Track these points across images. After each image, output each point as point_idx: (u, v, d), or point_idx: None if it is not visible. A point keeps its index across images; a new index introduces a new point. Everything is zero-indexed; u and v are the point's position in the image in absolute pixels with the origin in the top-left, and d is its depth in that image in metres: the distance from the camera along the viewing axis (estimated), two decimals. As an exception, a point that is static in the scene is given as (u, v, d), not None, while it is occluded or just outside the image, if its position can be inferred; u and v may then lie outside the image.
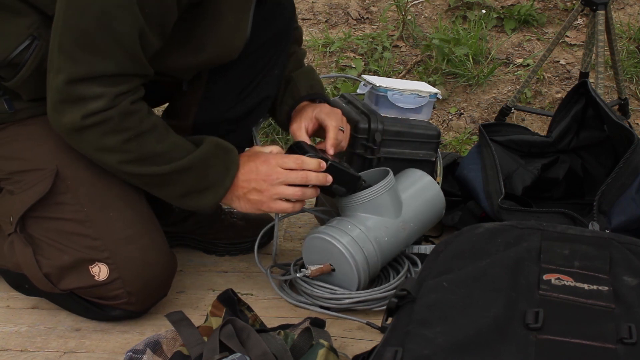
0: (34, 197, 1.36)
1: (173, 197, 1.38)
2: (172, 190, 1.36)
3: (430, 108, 1.65)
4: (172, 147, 1.33)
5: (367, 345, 1.26)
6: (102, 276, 1.36)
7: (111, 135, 1.27)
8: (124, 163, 1.30)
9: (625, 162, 1.56)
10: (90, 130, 1.26)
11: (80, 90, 1.23)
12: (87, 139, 1.28)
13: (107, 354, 1.36)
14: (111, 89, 1.24)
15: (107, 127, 1.26)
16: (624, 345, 0.87)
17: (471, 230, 1.09)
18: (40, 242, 1.38)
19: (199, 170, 1.35)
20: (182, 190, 1.36)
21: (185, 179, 1.34)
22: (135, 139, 1.28)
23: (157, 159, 1.31)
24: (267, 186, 1.37)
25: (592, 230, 1.11)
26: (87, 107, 1.23)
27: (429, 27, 3.34)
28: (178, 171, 1.33)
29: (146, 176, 1.33)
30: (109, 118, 1.25)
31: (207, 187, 1.36)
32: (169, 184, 1.34)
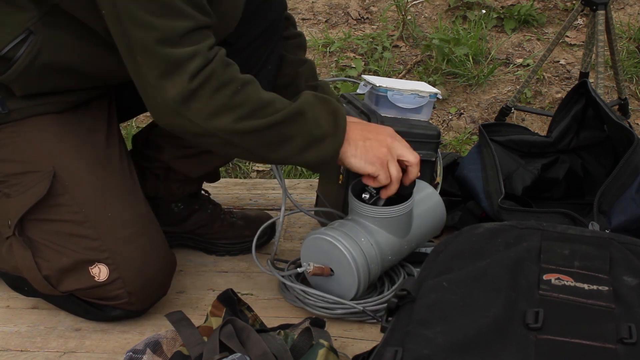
0: (32, 200, 1.35)
1: (295, 153, 1.30)
2: (292, 144, 1.29)
3: (430, 108, 1.65)
4: (275, 97, 1.29)
5: (367, 345, 1.26)
6: (102, 277, 1.36)
7: (219, 91, 1.22)
8: (241, 120, 1.24)
9: (625, 162, 1.56)
10: (199, 94, 1.21)
11: (174, 54, 1.19)
12: (198, 107, 1.21)
13: (107, 354, 1.36)
14: (199, 45, 1.21)
15: (214, 82, 1.21)
16: (624, 345, 0.87)
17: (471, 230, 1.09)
18: (39, 245, 1.38)
19: (310, 115, 1.29)
20: (303, 142, 1.29)
21: (301, 128, 1.28)
22: (242, 90, 1.24)
23: (268, 109, 1.26)
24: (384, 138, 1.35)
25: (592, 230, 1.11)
26: (189, 69, 1.19)
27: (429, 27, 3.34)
28: (291, 117, 1.27)
29: (265, 130, 1.26)
30: (212, 72, 1.21)
31: (323, 134, 1.30)
32: (288, 138, 1.28)
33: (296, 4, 3.51)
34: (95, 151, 1.41)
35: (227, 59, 1.25)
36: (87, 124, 1.43)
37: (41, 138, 1.38)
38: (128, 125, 2.68)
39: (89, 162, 1.38)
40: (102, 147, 1.42)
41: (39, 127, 1.39)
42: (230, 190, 2.00)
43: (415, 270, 1.52)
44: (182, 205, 1.66)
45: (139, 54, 1.20)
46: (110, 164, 1.42)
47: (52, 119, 1.39)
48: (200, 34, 1.22)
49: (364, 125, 1.37)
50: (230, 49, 1.50)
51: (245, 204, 1.92)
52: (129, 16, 1.18)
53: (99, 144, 1.43)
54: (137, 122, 2.70)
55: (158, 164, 1.61)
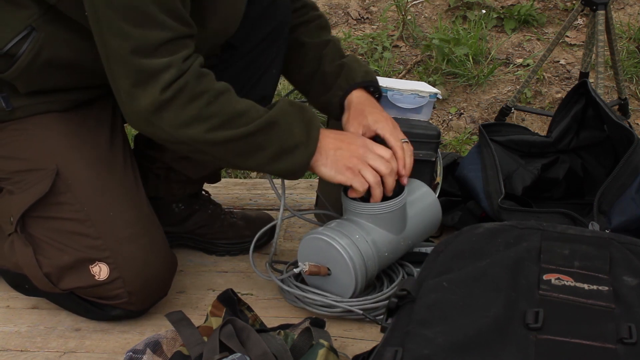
0: (34, 197, 1.36)
1: (265, 163, 1.32)
2: (263, 154, 1.30)
3: (430, 108, 1.65)
4: (249, 105, 1.30)
5: (367, 345, 1.26)
6: (102, 276, 1.36)
7: (191, 102, 1.23)
8: (211, 131, 1.25)
9: (625, 162, 1.56)
10: (170, 105, 1.22)
11: (147, 65, 1.20)
12: (169, 117, 1.23)
13: (107, 354, 1.36)
14: (174, 56, 1.21)
15: (186, 94, 1.22)
16: (624, 345, 0.87)
17: (471, 230, 1.09)
18: (41, 242, 1.38)
19: (284, 126, 1.30)
20: (273, 152, 1.30)
21: (273, 138, 1.30)
22: (215, 101, 1.25)
23: (240, 119, 1.27)
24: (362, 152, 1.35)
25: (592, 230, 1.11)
26: (162, 80, 1.20)
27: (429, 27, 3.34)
28: (264, 128, 1.28)
29: (236, 140, 1.27)
30: (185, 84, 1.22)
31: (296, 144, 1.31)
32: (259, 148, 1.29)
33: (296, 4, 3.51)
34: (98, 150, 1.41)
35: (202, 69, 1.26)
36: (91, 122, 1.44)
37: (45, 136, 1.39)
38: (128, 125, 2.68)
39: (92, 161, 1.38)
40: (105, 146, 1.43)
41: (43, 125, 1.39)
42: (230, 190, 2.00)
43: (415, 270, 1.52)
44: (182, 206, 1.66)
45: (114, 62, 1.22)
46: (114, 163, 1.42)
47: (56, 117, 1.40)
48: (177, 45, 1.22)
49: (337, 134, 1.38)
50: (234, 52, 1.50)
51: (245, 204, 1.92)
52: (107, 23, 1.19)
53: (102, 143, 1.43)
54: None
55: (159, 164, 1.62)
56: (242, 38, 1.48)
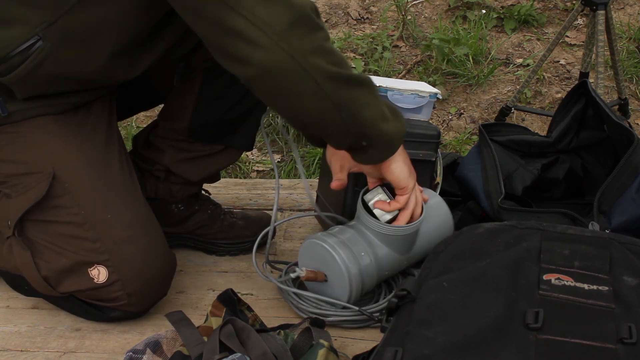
0: (31, 201, 1.35)
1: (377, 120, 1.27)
2: (373, 109, 1.26)
3: (430, 108, 1.65)
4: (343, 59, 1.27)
5: (367, 345, 1.26)
6: (101, 279, 1.36)
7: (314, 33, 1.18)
8: (335, 65, 1.20)
9: (625, 162, 1.56)
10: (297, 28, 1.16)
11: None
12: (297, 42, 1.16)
13: (107, 354, 1.36)
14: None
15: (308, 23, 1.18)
16: (624, 345, 0.87)
17: (471, 230, 1.09)
18: (39, 246, 1.38)
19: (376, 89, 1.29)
20: (380, 111, 1.27)
21: (379, 97, 1.28)
22: (328, 40, 1.22)
23: (348, 66, 1.24)
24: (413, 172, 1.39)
25: (592, 230, 1.12)
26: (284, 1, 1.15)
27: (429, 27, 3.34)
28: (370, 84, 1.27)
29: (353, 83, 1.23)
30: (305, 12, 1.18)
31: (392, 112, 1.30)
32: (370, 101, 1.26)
33: (296, 4, 3.50)
34: (95, 152, 1.41)
35: None
36: (88, 125, 1.43)
37: (41, 139, 1.38)
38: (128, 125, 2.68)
39: (88, 164, 1.38)
40: (101, 148, 1.42)
41: (39, 127, 1.38)
42: (230, 190, 2.00)
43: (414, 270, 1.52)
44: (182, 207, 1.66)
45: None
46: (110, 165, 1.42)
47: (52, 119, 1.39)
48: None
49: None
50: None
51: (245, 204, 1.92)
52: None
53: (98, 145, 1.42)
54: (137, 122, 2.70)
55: (158, 167, 1.61)
56: None
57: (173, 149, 1.59)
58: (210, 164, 1.62)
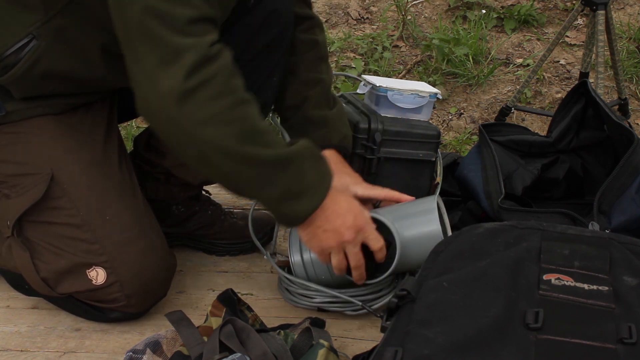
0: (29, 202, 1.35)
1: (271, 200, 1.22)
2: (271, 190, 1.20)
3: (430, 108, 1.65)
4: (269, 129, 1.19)
5: (367, 345, 1.26)
6: (99, 280, 1.36)
7: (217, 99, 1.12)
8: (230, 137, 1.13)
9: (625, 162, 1.56)
10: (194, 95, 1.10)
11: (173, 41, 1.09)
12: (190, 110, 1.10)
13: (107, 354, 1.36)
14: (201, 38, 1.11)
15: (214, 86, 1.12)
16: (624, 345, 0.87)
17: (471, 230, 1.09)
18: (38, 247, 1.38)
19: (298, 167, 1.20)
20: (281, 191, 1.20)
21: (284, 175, 1.19)
22: (240, 106, 1.15)
23: (260, 138, 1.16)
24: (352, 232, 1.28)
25: (592, 230, 1.11)
26: (186, 61, 1.09)
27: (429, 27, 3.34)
28: (280, 161, 1.18)
29: (250, 160, 1.16)
30: (213, 75, 1.11)
31: (303, 190, 1.22)
32: (269, 181, 1.19)
33: (296, 4, 3.50)
34: (93, 153, 1.41)
35: (234, 68, 1.16)
36: (86, 125, 1.43)
37: (39, 139, 1.38)
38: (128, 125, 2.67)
39: (87, 165, 1.38)
40: (100, 149, 1.42)
41: (38, 128, 1.38)
42: (230, 190, 1.99)
43: None
44: (182, 208, 1.66)
45: (138, 39, 1.12)
46: (109, 166, 1.41)
47: (51, 120, 1.39)
48: (203, 27, 1.14)
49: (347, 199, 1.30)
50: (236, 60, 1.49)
51: (245, 204, 1.92)
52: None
53: (97, 146, 1.42)
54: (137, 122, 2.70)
55: (159, 169, 1.61)
56: (242, 46, 1.47)
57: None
58: None
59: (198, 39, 1.12)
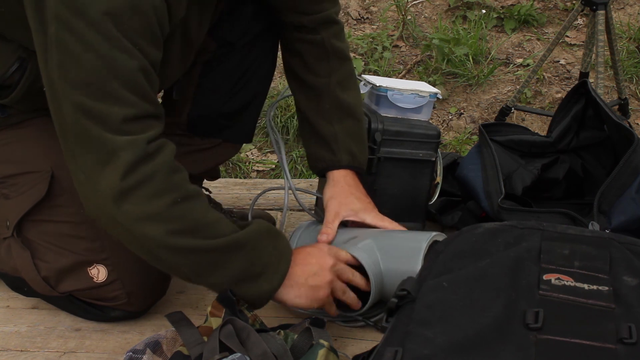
0: (31, 201, 1.35)
1: (224, 283, 1.21)
2: (222, 274, 1.19)
3: (430, 108, 1.65)
4: (219, 219, 1.18)
5: (367, 345, 1.25)
6: (100, 278, 1.36)
7: (156, 197, 1.11)
8: (171, 234, 1.12)
9: (625, 162, 1.56)
10: (132, 194, 1.10)
11: (109, 140, 1.08)
12: (128, 208, 1.10)
13: (107, 354, 1.36)
14: (139, 135, 1.10)
15: (152, 186, 1.11)
16: (624, 345, 0.87)
17: (471, 230, 1.09)
18: (38, 246, 1.37)
19: (251, 250, 1.20)
20: (233, 274, 1.20)
21: (237, 259, 1.19)
22: (183, 203, 1.14)
23: (206, 231, 1.16)
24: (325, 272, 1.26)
25: (592, 230, 1.11)
26: (123, 160, 1.08)
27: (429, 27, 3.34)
28: (229, 247, 1.18)
29: (197, 252, 1.16)
30: (151, 174, 1.11)
31: (261, 272, 1.22)
32: (219, 266, 1.18)
33: (296, 4, 3.50)
34: None
35: (175, 164, 1.15)
36: None
37: (38, 138, 1.38)
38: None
39: None
40: None
41: (37, 127, 1.38)
42: (230, 190, 1.99)
43: None
44: (182, 206, 1.66)
45: (74, 138, 1.11)
46: None
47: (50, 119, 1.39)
48: (141, 124, 1.12)
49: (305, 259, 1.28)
50: (231, 48, 1.50)
51: (245, 204, 1.92)
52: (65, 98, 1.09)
53: None
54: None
55: None
56: (238, 35, 1.47)
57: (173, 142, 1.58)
58: (210, 158, 1.62)
59: (134, 137, 1.09)
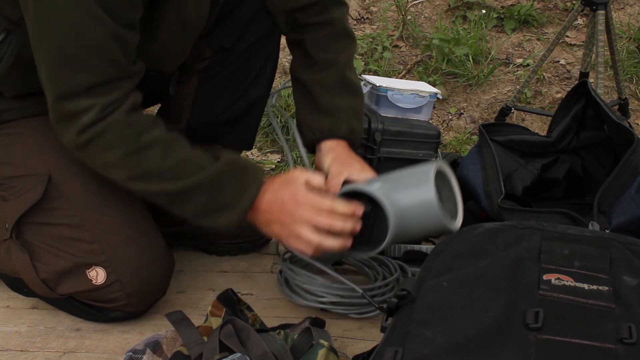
0: (28, 203, 1.35)
1: (188, 216, 1.30)
2: (185, 208, 1.28)
3: (430, 108, 1.65)
4: (179, 163, 1.26)
5: (367, 345, 1.26)
6: (99, 280, 1.36)
7: (110, 150, 1.22)
8: (131, 180, 1.25)
9: (625, 162, 1.56)
10: (89, 147, 1.22)
11: (68, 106, 1.20)
12: (91, 156, 1.25)
13: (107, 354, 1.36)
14: (100, 99, 1.19)
15: (104, 141, 1.21)
16: (624, 345, 0.87)
17: (471, 230, 1.09)
18: (37, 248, 1.37)
19: (210, 189, 1.26)
20: (195, 210, 1.28)
21: (197, 198, 1.27)
22: (136, 154, 1.23)
23: (163, 176, 1.25)
24: (290, 222, 1.26)
25: (592, 230, 1.11)
26: (79, 123, 1.19)
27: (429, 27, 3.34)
28: (186, 190, 1.26)
29: (156, 194, 1.28)
30: (101, 131, 1.20)
31: (222, 207, 1.27)
32: (181, 202, 1.28)
33: (296, 4, 3.50)
34: None
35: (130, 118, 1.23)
36: None
37: (35, 140, 1.38)
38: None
39: (83, 165, 1.38)
40: None
41: (33, 129, 1.38)
42: (230, 190, 1.99)
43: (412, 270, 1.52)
44: (181, 206, 1.66)
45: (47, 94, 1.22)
46: None
47: (47, 120, 1.38)
48: (106, 88, 1.20)
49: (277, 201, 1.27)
50: (227, 55, 1.50)
51: (245, 204, 1.92)
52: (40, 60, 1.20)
53: None
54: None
55: None
56: (233, 41, 1.47)
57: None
58: None
59: (95, 100, 1.19)
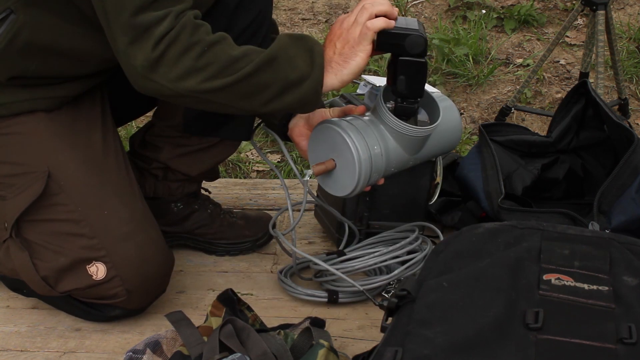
0: (27, 201, 1.35)
1: (274, 100, 1.24)
2: (269, 92, 1.23)
3: (430, 108, 1.65)
4: (246, 50, 1.23)
5: (367, 345, 1.26)
6: (99, 275, 1.36)
7: (183, 56, 1.19)
8: (208, 80, 1.20)
9: (625, 162, 1.56)
10: (162, 60, 1.18)
11: (143, 19, 1.17)
12: (164, 72, 1.19)
13: (107, 354, 1.36)
14: (171, 8, 1.18)
15: (178, 47, 1.18)
16: (624, 345, 0.87)
17: (471, 230, 1.09)
18: (36, 246, 1.37)
19: (284, 60, 1.23)
20: (279, 88, 1.23)
21: (276, 74, 1.22)
22: (208, 51, 1.20)
23: (238, 64, 1.21)
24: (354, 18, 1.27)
25: (592, 230, 1.11)
26: (155, 34, 1.17)
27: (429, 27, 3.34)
28: (264, 65, 1.21)
29: (236, 84, 1.21)
30: (175, 37, 1.18)
31: (301, 76, 1.23)
32: (264, 86, 1.23)
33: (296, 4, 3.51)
34: (89, 149, 1.41)
35: (197, 21, 1.22)
36: (81, 121, 1.43)
37: (34, 138, 1.38)
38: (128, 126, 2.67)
39: (83, 160, 1.38)
40: (97, 145, 1.42)
41: (31, 127, 1.38)
42: (230, 190, 1.99)
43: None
44: (181, 205, 1.66)
45: (113, 22, 1.19)
46: (106, 161, 1.41)
47: (44, 117, 1.39)
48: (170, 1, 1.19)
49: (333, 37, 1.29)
50: None
51: (245, 204, 1.92)
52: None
53: (94, 142, 1.42)
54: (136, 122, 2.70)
55: (156, 164, 1.61)
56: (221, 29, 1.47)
57: (170, 145, 1.59)
58: (208, 157, 1.61)
59: (167, 10, 1.18)
